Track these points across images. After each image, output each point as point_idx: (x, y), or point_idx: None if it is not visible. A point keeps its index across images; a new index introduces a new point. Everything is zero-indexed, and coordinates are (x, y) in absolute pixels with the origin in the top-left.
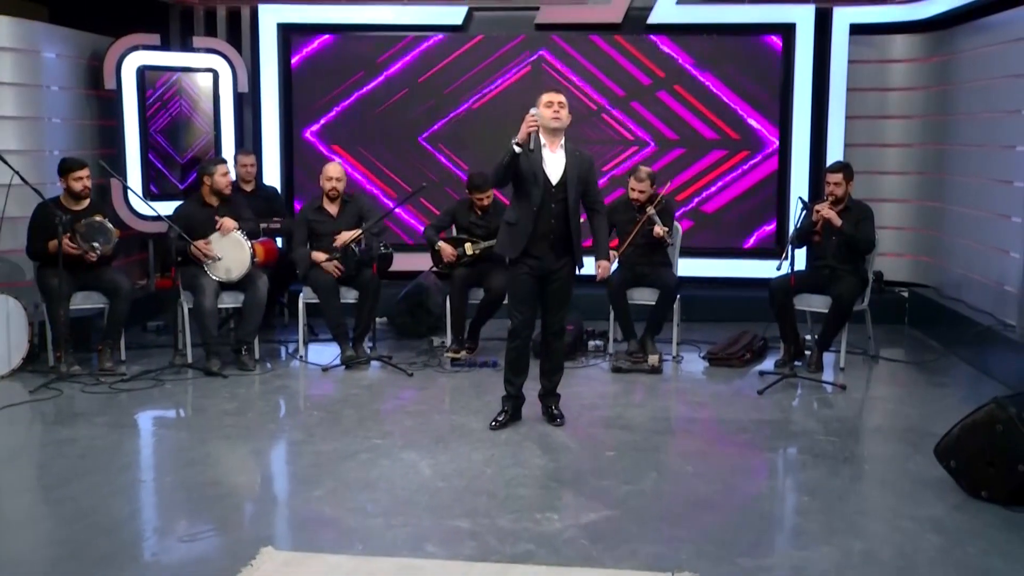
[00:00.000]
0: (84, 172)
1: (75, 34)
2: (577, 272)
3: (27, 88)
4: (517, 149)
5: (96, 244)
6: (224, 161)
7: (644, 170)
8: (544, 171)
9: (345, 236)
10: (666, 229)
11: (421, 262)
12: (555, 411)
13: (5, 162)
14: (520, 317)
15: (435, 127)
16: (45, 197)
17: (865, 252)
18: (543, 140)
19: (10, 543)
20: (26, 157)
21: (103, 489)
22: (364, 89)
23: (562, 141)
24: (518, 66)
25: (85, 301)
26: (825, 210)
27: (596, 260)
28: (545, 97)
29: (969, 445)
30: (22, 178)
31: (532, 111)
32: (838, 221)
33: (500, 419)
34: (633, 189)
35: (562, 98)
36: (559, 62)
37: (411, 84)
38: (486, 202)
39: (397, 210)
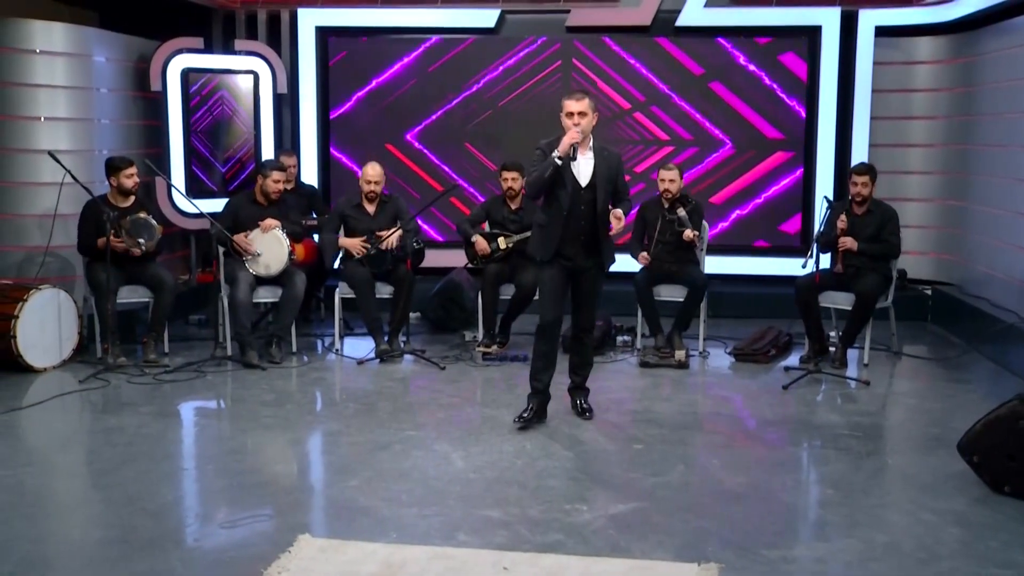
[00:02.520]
0: (133, 169)
1: (123, 38)
2: (607, 270)
3: (78, 91)
4: (559, 162)
5: (141, 240)
6: (281, 168)
7: (670, 162)
8: (573, 174)
9: (389, 235)
10: (696, 233)
11: (454, 258)
12: (584, 405)
13: (58, 161)
14: (550, 316)
15: (467, 126)
16: (94, 195)
17: (892, 258)
18: None
19: (63, 525)
20: (77, 156)
21: (149, 476)
22: (399, 90)
23: (590, 143)
24: (549, 66)
25: (131, 295)
26: (848, 243)
27: (614, 210)
28: (565, 106)
29: (992, 440)
30: (73, 177)
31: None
32: (855, 246)
33: (526, 415)
34: (663, 180)
35: (583, 106)
36: (590, 60)
37: (442, 84)
38: (515, 184)
39: (430, 208)
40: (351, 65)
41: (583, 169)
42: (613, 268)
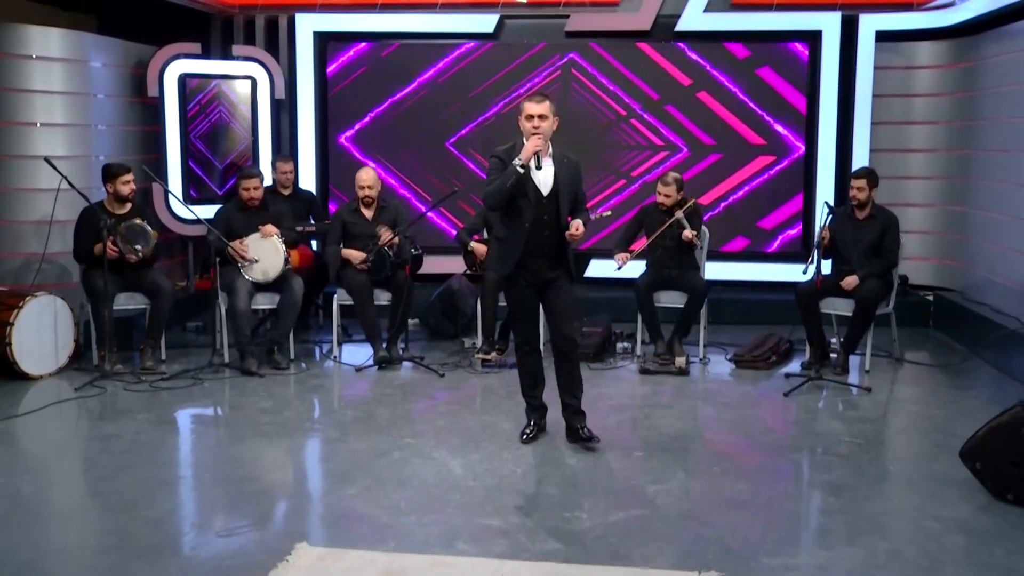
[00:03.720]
0: (129, 176)
1: (121, 44)
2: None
3: (76, 96)
4: (522, 170)
5: (138, 247)
6: (255, 175)
7: (672, 175)
8: (534, 183)
9: (387, 234)
10: (695, 233)
11: (453, 265)
12: (584, 431)
13: (54, 167)
14: (524, 335)
15: (464, 132)
16: (91, 201)
17: (891, 270)
18: None
19: (60, 532)
20: (74, 163)
21: (146, 483)
22: (397, 95)
23: (550, 150)
24: (547, 71)
25: (128, 302)
26: (851, 283)
27: (574, 221)
28: (525, 108)
29: (995, 447)
30: (69, 183)
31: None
32: (853, 285)
33: (529, 432)
34: (660, 193)
35: (543, 109)
36: (588, 67)
37: (442, 90)
38: None
39: (429, 214)
40: (349, 70)
41: (544, 177)
42: (613, 274)
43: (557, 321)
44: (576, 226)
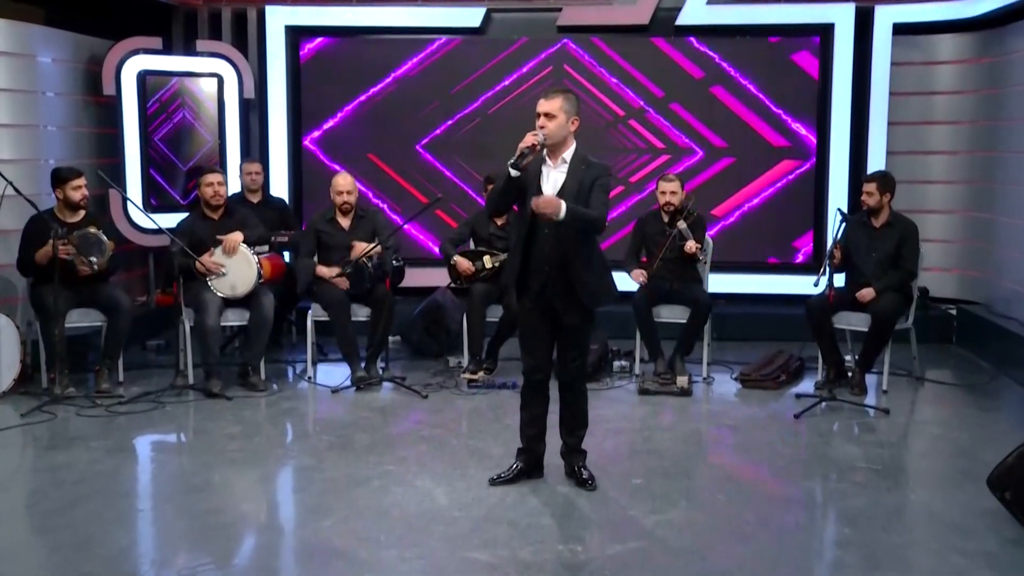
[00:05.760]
0: (81, 181)
1: (72, 37)
2: (594, 308)
3: (21, 94)
4: (514, 172)
5: (93, 259)
6: (215, 171)
7: (671, 175)
8: (540, 189)
9: (361, 248)
10: (699, 246)
11: (437, 277)
12: (583, 472)
13: None
14: (530, 361)
15: (449, 136)
16: (39, 209)
17: (910, 281)
18: (545, 152)
19: (5, 573)
20: (20, 167)
21: (100, 517)
22: (377, 96)
23: (565, 153)
24: (538, 71)
25: (82, 319)
26: (867, 295)
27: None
28: (537, 105)
29: None
30: (16, 189)
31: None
32: (869, 298)
33: (504, 475)
34: (664, 192)
35: (550, 106)
36: (582, 65)
37: (425, 90)
38: None
39: (409, 225)
40: (325, 69)
41: (550, 185)
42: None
43: (563, 353)
44: (546, 199)
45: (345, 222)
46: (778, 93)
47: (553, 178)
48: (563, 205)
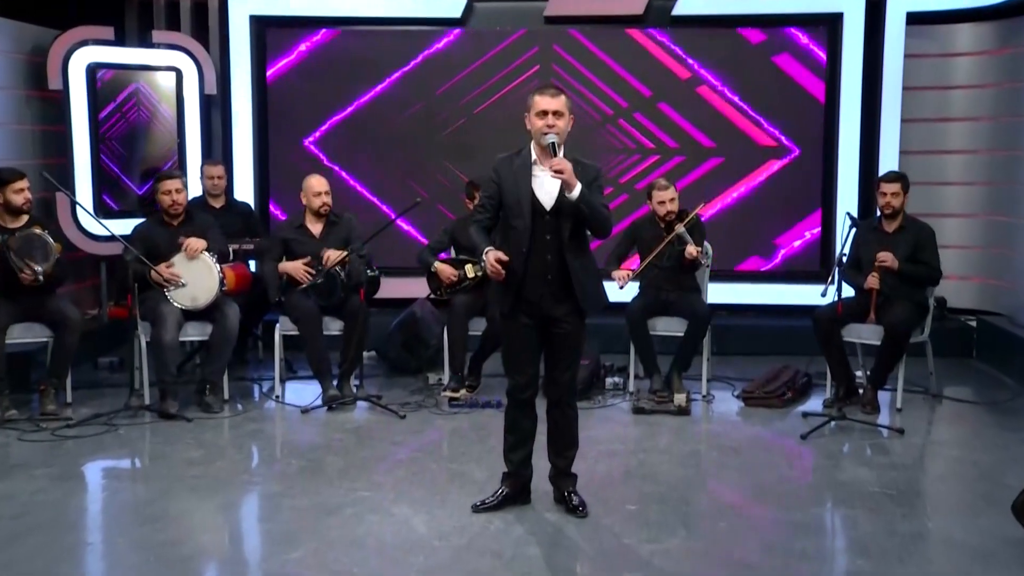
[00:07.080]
0: (23, 183)
1: (13, 25)
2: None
3: None
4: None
5: (39, 269)
6: (173, 176)
7: (664, 181)
8: (534, 195)
9: (333, 254)
10: (699, 249)
11: (416, 288)
12: (574, 498)
13: None
14: (517, 379)
15: (432, 136)
16: None
17: (932, 284)
18: (534, 156)
19: None
20: None
21: (46, 552)
22: (352, 93)
23: (559, 155)
24: (524, 66)
25: (25, 334)
26: (888, 259)
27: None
28: (537, 103)
29: None
30: None
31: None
32: (895, 265)
33: (488, 501)
34: (663, 203)
35: (559, 104)
36: (571, 60)
37: (403, 87)
38: None
39: (388, 228)
40: (295, 63)
41: (547, 190)
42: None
43: (554, 365)
44: (564, 161)
45: (316, 228)
46: (781, 88)
47: (548, 183)
48: (579, 184)
